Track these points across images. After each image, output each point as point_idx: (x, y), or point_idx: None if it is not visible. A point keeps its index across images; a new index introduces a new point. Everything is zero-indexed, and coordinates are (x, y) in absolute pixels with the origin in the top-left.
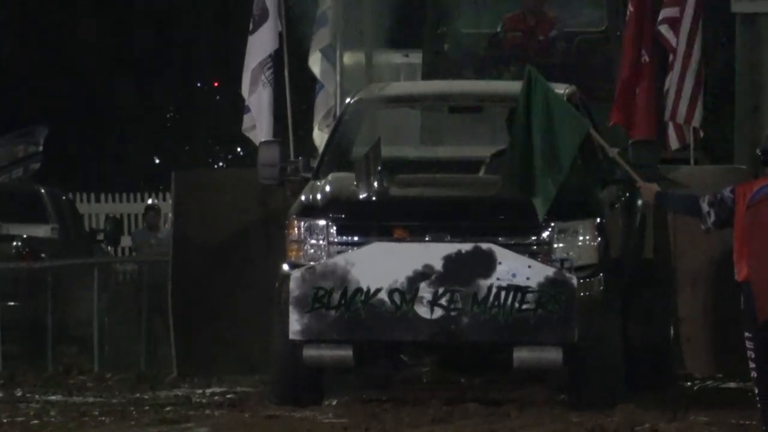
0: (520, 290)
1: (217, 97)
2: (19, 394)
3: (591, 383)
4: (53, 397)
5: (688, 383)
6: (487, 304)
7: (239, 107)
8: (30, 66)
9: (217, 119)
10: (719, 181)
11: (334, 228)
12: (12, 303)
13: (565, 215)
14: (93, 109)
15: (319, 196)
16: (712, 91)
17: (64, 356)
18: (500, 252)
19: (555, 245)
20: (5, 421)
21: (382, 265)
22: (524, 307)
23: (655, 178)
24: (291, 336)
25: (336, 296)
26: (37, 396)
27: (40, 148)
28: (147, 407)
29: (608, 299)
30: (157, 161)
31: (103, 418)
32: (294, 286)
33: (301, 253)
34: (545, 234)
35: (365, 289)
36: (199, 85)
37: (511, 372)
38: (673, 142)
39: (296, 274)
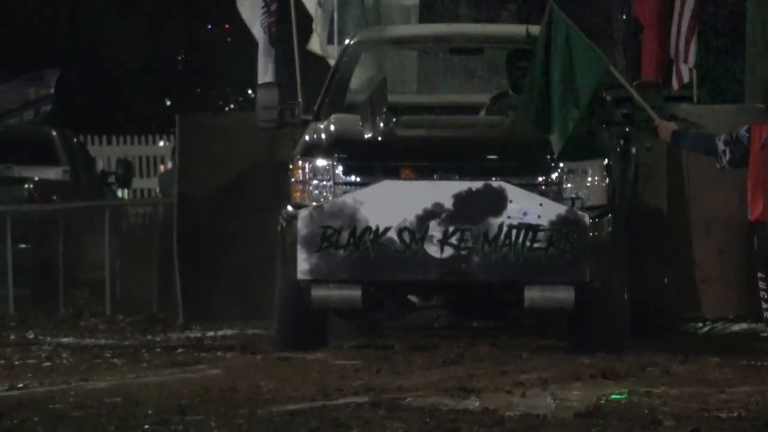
0: (531, 229)
1: (228, 40)
2: (30, 337)
3: (598, 325)
4: (65, 340)
5: (699, 325)
6: (498, 243)
7: (249, 50)
8: (39, 11)
9: (228, 62)
10: (731, 120)
11: (341, 168)
12: (23, 245)
13: (575, 155)
14: (103, 53)
15: (323, 137)
16: (722, 31)
17: (75, 299)
18: (511, 190)
19: (564, 185)
20: (17, 363)
21: (391, 204)
22: (536, 245)
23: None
24: (299, 276)
25: (345, 235)
26: (48, 338)
27: (51, 91)
28: (159, 350)
29: (617, 241)
30: (169, 104)
31: (115, 361)
32: (302, 225)
33: (306, 194)
34: (554, 174)
35: (374, 228)
36: (209, 27)
37: (522, 313)
38: (674, 82)
39: (304, 213)
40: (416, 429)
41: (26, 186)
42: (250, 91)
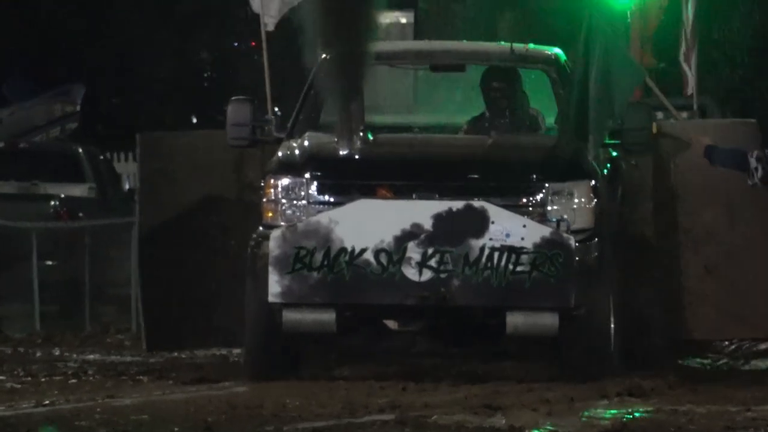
0: (514, 251)
1: (255, 57)
2: (57, 353)
3: (582, 352)
4: (91, 356)
5: (726, 343)
6: (479, 266)
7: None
8: (68, 26)
9: (255, 78)
10: (727, 135)
11: (315, 187)
12: (50, 262)
13: (561, 176)
14: (131, 69)
15: (296, 154)
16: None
17: (101, 316)
18: (493, 210)
19: (550, 207)
20: (43, 380)
21: (368, 224)
22: (519, 269)
23: (647, 142)
24: (270, 299)
25: (318, 256)
26: (74, 355)
27: (78, 108)
28: (184, 366)
29: (604, 266)
30: (195, 121)
31: (141, 377)
32: (274, 246)
33: (278, 214)
34: (540, 195)
35: (350, 249)
36: (236, 45)
37: (504, 339)
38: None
39: (276, 233)
40: None
41: (52, 203)
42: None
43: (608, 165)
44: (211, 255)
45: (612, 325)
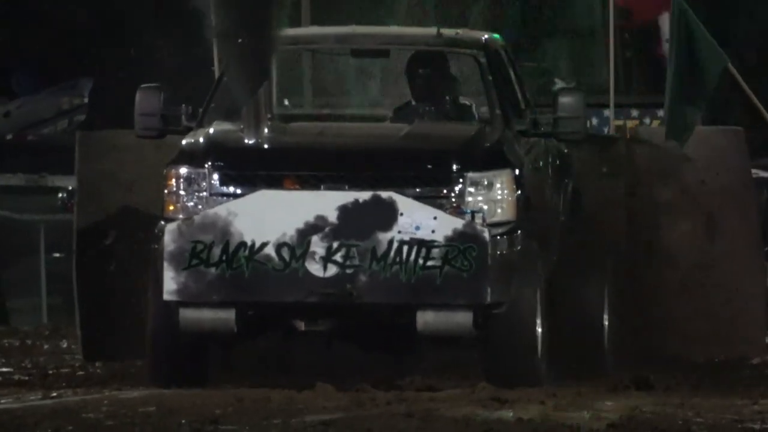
0: (424, 245)
1: None
2: (64, 346)
3: (504, 354)
4: None
5: None
6: (388, 261)
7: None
8: (74, 19)
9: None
10: (713, 144)
11: (217, 177)
12: (57, 255)
13: (479, 165)
14: (137, 62)
15: (200, 144)
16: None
17: None
18: (402, 202)
19: (467, 199)
20: (50, 372)
21: (269, 216)
22: (429, 263)
23: (581, 130)
24: (165, 297)
25: (216, 251)
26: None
27: (85, 100)
28: None
29: (526, 260)
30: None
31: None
32: (169, 240)
33: (179, 207)
34: (457, 186)
35: (249, 244)
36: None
37: (415, 338)
38: None
39: (171, 226)
40: None
41: (60, 195)
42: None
43: (556, 157)
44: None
45: (539, 326)
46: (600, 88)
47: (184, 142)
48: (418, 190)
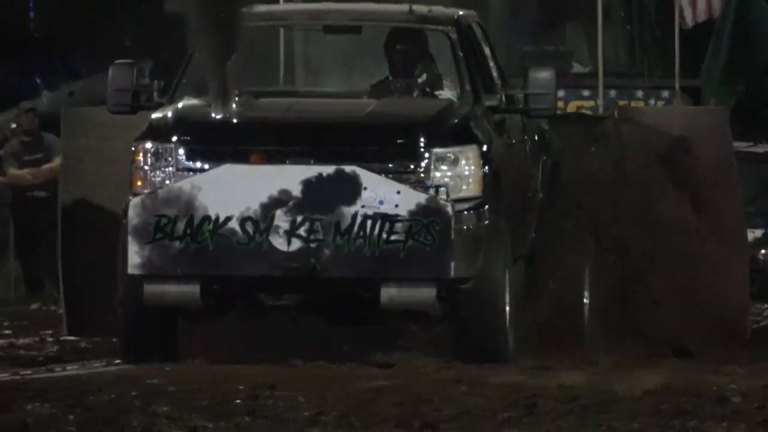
0: (388, 219)
1: None
2: None
3: (473, 330)
4: None
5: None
6: (351, 235)
7: None
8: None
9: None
10: (696, 123)
11: (182, 152)
12: None
13: (445, 141)
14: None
15: (167, 119)
16: None
17: None
18: (366, 176)
19: (433, 174)
20: (115, 339)
21: (233, 190)
22: (393, 238)
23: (551, 107)
24: (130, 270)
25: (180, 225)
26: None
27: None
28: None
29: (494, 236)
30: None
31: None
32: (133, 214)
33: (147, 182)
34: (423, 162)
35: (214, 218)
36: None
37: (380, 313)
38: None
39: (136, 200)
40: (497, 403)
41: None
42: None
43: (531, 135)
44: None
45: (507, 303)
46: (617, 72)
47: (152, 117)
48: (383, 165)
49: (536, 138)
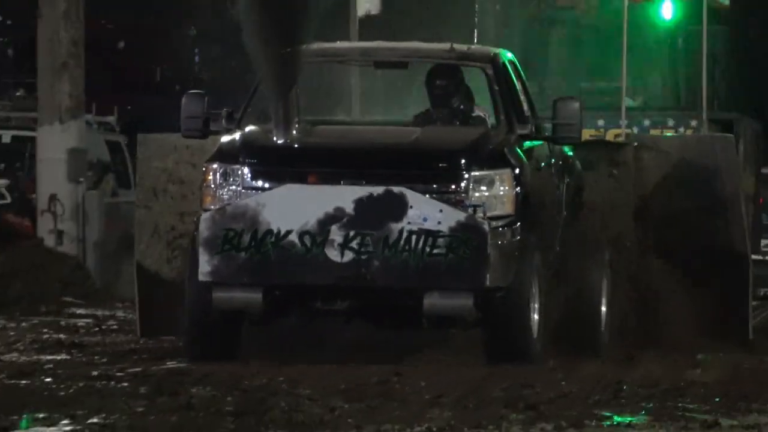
0: (431, 234)
1: None
2: None
3: (502, 335)
4: None
5: None
6: (398, 248)
7: None
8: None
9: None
10: (705, 150)
11: (248, 173)
12: None
13: (483, 165)
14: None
15: (234, 143)
16: None
17: None
18: (412, 196)
19: (470, 194)
20: None
21: (292, 207)
22: (435, 251)
23: (576, 135)
24: (200, 278)
25: (246, 238)
26: None
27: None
28: None
29: (524, 249)
30: None
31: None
32: (204, 228)
33: (216, 199)
34: (462, 183)
35: (275, 231)
36: None
37: (423, 319)
38: None
39: (206, 215)
40: (588, 388)
41: None
42: None
43: (556, 160)
44: None
45: (535, 310)
46: (661, 106)
47: (221, 141)
48: (427, 186)
49: (561, 163)
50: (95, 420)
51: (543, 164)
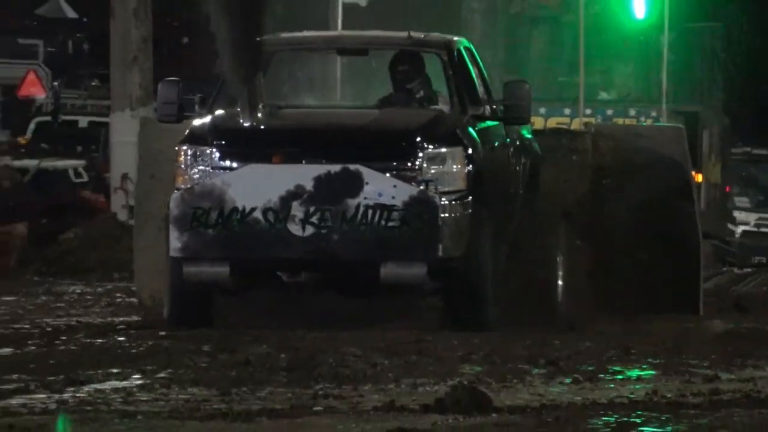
0: (386, 209)
1: None
2: None
3: (460, 302)
4: None
5: None
6: (355, 222)
7: None
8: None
9: None
10: (656, 139)
11: (217, 154)
12: None
13: (435, 143)
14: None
15: (204, 126)
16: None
17: None
18: (367, 173)
19: (424, 171)
20: None
21: (256, 186)
22: (390, 224)
23: (525, 116)
24: (171, 253)
25: (213, 215)
26: None
27: None
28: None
29: (477, 222)
30: None
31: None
32: (173, 206)
33: (187, 179)
34: (416, 161)
35: (241, 209)
36: None
37: (380, 288)
38: None
39: (176, 194)
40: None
41: None
42: None
43: (513, 141)
44: None
45: (489, 280)
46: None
47: (192, 124)
48: (382, 164)
49: (518, 143)
50: (163, 374)
51: (497, 143)
